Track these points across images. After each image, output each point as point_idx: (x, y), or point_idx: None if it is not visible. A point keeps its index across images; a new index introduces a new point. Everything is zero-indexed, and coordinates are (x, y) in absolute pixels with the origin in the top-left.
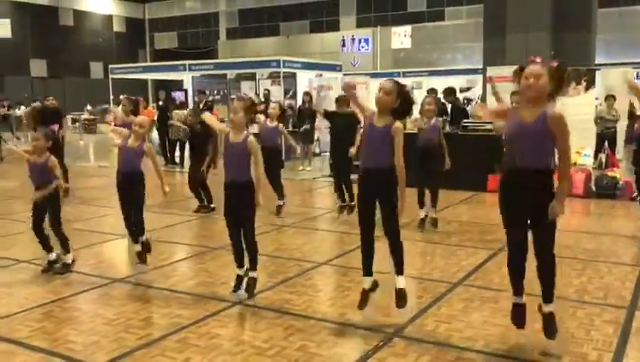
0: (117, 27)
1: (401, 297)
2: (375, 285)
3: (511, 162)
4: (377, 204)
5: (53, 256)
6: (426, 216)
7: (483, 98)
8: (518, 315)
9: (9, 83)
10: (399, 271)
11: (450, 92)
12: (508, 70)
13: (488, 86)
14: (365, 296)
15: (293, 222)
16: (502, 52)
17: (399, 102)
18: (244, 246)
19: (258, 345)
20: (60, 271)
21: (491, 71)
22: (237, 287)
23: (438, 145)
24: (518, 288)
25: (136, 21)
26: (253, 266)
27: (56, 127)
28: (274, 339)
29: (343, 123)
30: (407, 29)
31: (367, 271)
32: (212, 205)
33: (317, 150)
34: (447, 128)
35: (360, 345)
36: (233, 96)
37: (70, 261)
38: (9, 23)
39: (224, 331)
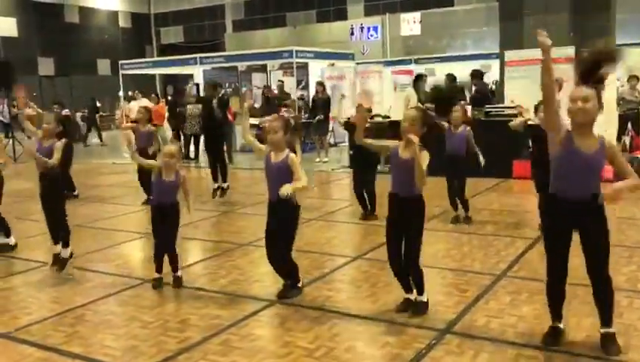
0: (123, 23)
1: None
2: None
3: (563, 190)
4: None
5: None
6: (458, 215)
7: (501, 85)
8: (553, 339)
9: (18, 82)
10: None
11: (476, 74)
12: (525, 54)
13: (506, 70)
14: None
15: (319, 215)
16: (519, 35)
17: (425, 131)
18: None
19: (304, 346)
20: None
21: (508, 55)
22: None
23: (466, 154)
24: (558, 313)
25: (141, 16)
26: (290, 281)
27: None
28: (320, 340)
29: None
30: (417, 15)
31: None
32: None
33: (332, 140)
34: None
35: (411, 343)
36: (245, 88)
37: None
38: (15, 21)
39: (266, 332)
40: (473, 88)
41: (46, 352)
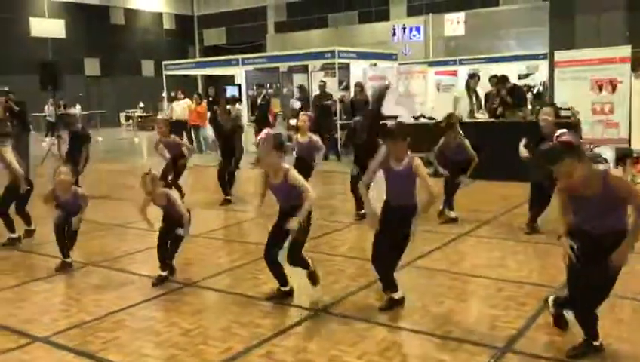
0: (167, 24)
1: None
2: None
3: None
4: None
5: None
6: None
7: (550, 86)
8: None
9: (65, 82)
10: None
11: (502, 80)
12: (576, 54)
13: (556, 70)
14: None
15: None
16: (571, 34)
17: None
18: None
19: None
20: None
21: (558, 55)
22: None
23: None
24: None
25: (185, 18)
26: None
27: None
28: (368, 355)
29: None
30: (461, 15)
31: None
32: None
33: None
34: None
35: (469, 361)
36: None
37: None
38: (63, 23)
39: (312, 344)
40: (502, 92)
41: (84, 359)
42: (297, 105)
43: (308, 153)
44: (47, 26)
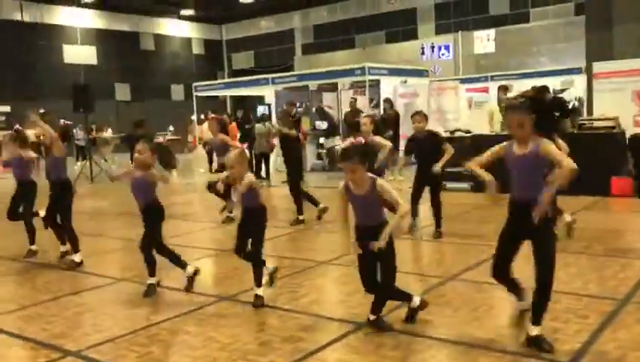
0: (196, 49)
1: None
2: None
3: None
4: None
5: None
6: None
7: (589, 98)
8: None
9: (97, 107)
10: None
11: (543, 90)
12: (615, 65)
13: (594, 82)
14: None
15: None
16: (609, 45)
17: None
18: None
19: None
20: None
21: (597, 66)
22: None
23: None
24: None
25: (214, 42)
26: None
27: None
28: None
29: (425, 143)
30: (491, 32)
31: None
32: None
33: (403, 161)
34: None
35: None
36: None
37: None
38: (95, 50)
39: (358, 359)
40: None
41: None
42: (324, 125)
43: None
44: (79, 53)
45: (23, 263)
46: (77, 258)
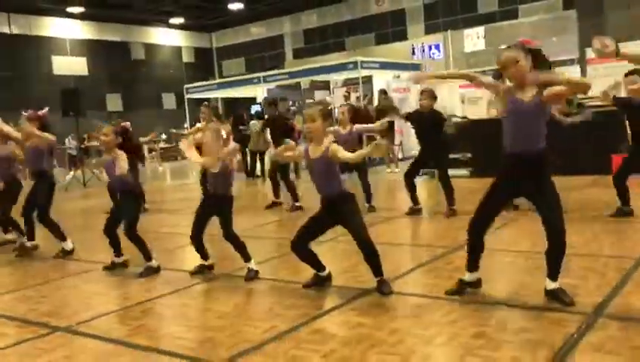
0: (186, 58)
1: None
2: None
3: None
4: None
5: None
6: None
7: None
8: None
9: (88, 118)
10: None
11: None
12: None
13: (588, 68)
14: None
15: (398, 213)
16: (601, 31)
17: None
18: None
19: (417, 333)
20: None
21: (590, 52)
22: None
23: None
24: None
25: (204, 50)
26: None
27: None
28: (436, 326)
29: (428, 120)
30: (480, 30)
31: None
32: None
33: (400, 155)
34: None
35: (554, 328)
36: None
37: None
38: (85, 61)
39: (367, 320)
40: None
41: (109, 344)
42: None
43: (351, 145)
44: (69, 64)
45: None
46: (67, 245)
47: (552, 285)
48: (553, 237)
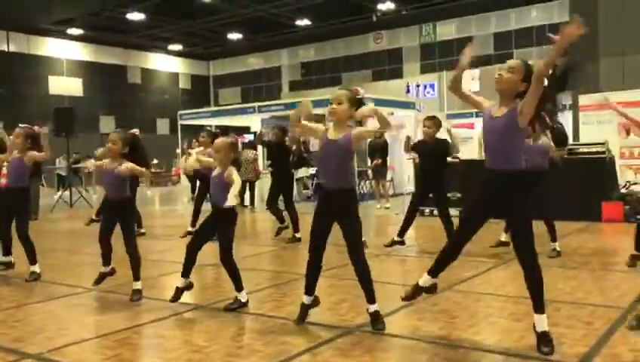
0: (183, 84)
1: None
2: None
3: None
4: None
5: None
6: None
7: (575, 131)
8: None
9: (81, 139)
10: None
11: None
12: (600, 97)
13: (580, 115)
14: None
15: (390, 251)
16: (594, 78)
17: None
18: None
19: None
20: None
21: (583, 99)
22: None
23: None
24: None
25: (201, 78)
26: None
27: None
28: None
29: (432, 150)
30: (475, 72)
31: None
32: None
33: (391, 191)
34: None
35: None
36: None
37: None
38: (81, 82)
39: (347, 360)
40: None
41: None
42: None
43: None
44: (64, 84)
45: None
46: (36, 268)
47: (538, 324)
48: (524, 268)
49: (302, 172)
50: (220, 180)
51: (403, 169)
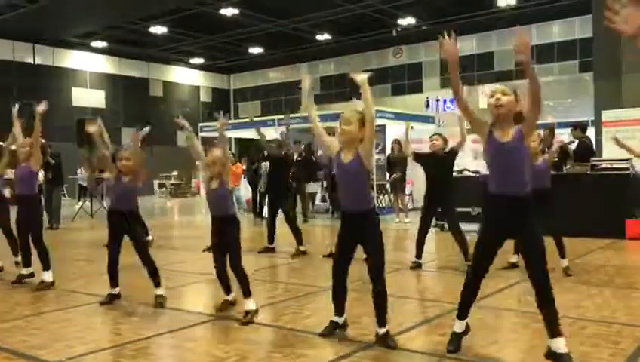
0: (204, 97)
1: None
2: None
3: None
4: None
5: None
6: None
7: (598, 147)
8: None
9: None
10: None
11: (579, 126)
12: (624, 114)
13: (604, 131)
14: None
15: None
16: (617, 94)
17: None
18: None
19: None
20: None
21: (606, 115)
22: None
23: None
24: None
25: (221, 91)
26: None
27: None
28: None
29: (439, 161)
30: (496, 87)
31: None
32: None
33: (410, 205)
34: (564, 169)
35: None
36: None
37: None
38: (104, 94)
39: None
40: (575, 142)
41: None
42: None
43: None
44: (88, 96)
45: (6, 282)
46: (48, 277)
47: (553, 345)
48: (540, 290)
49: (312, 188)
50: (220, 193)
51: (422, 183)
